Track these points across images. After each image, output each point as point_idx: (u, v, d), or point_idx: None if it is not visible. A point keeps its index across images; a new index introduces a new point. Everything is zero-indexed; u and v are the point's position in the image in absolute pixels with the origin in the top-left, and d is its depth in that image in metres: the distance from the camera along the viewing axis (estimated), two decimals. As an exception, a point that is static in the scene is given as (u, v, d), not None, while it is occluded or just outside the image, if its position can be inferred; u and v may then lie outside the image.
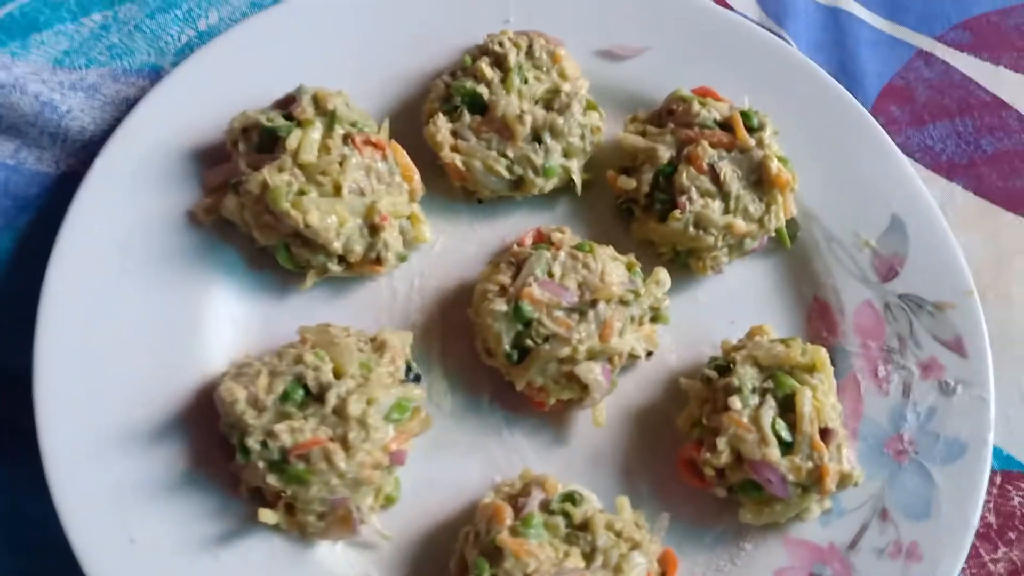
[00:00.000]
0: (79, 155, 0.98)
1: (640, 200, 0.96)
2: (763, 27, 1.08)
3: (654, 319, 0.93)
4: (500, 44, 0.96)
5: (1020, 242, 1.05)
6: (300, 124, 0.90)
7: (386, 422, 0.82)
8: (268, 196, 0.87)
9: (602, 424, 0.91)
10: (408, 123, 0.97)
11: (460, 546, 0.83)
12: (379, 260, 0.92)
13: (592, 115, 0.97)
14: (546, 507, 0.82)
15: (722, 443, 0.85)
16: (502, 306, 0.87)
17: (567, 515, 0.81)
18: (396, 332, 0.89)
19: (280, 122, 0.90)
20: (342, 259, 0.91)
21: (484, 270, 0.92)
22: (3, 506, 0.87)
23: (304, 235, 0.88)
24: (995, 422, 0.91)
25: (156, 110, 0.95)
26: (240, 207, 0.90)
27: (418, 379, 0.89)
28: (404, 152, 0.94)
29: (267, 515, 0.81)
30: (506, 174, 0.94)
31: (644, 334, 0.91)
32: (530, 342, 0.86)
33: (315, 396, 0.81)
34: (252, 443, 0.79)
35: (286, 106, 0.92)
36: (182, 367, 0.87)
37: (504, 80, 0.95)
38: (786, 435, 0.84)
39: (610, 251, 0.92)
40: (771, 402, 0.85)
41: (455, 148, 0.94)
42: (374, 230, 0.90)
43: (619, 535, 0.81)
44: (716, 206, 0.93)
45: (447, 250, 0.97)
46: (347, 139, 0.91)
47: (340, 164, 0.89)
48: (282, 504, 0.82)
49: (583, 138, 0.96)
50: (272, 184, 0.87)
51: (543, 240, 0.93)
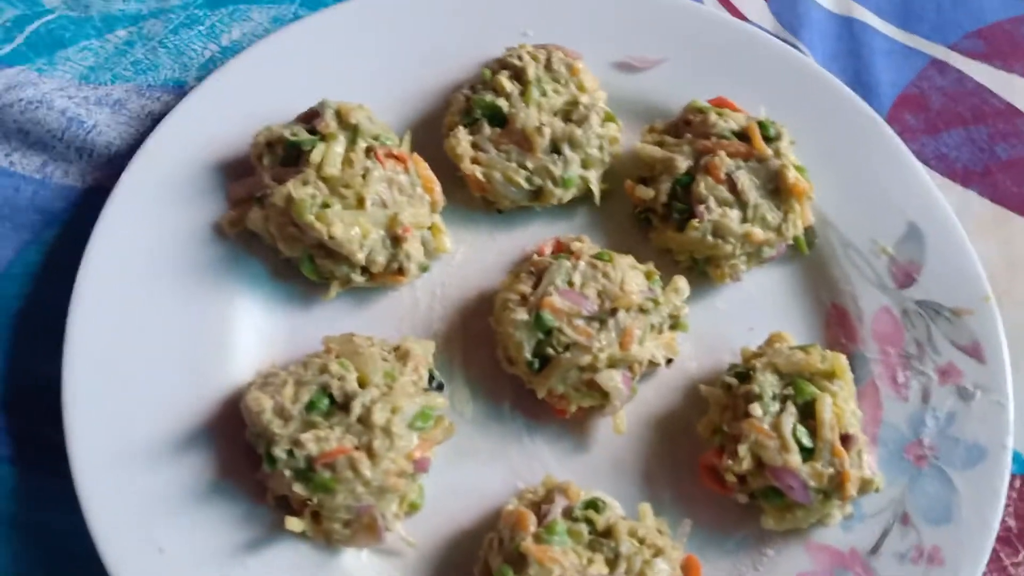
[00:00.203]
0: (105, 169, 0.99)
1: (658, 209, 0.96)
2: (778, 37, 1.09)
3: (673, 327, 0.93)
4: (519, 58, 0.98)
5: (1036, 248, 1.06)
6: (324, 138, 0.91)
7: (410, 430, 0.83)
8: (293, 209, 0.88)
9: (623, 431, 0.91)
10: (429, 136, 0.98)
11: (484, 553, 0.83)
12: (401, 270, 0.93)
13: (610, 126, 0.98)
14: (569, 514, 0.82)
15: (743, 450, 0.85)
16: (523, 315, 0.88)
17: (590, 522, 0.82)
18: (419, 341, 0.89)
19: (304, 136, 0.91)
20: (365, 270, 0.92)
21: (505, 280, 0.93)
22: (31, 517, 0.88)
23: (328, 246, 0.89)
24: (1014, 426, 0.91)
25: (181, 125, 0.96)
26: (265, 219, 0.91)
27: (441, 387, 0.90)
28: (425, 164, 0.95)
29: (294, 523, 0.82)
30: (525, 185, 0.95)
31: (664, 342, 0.92)
32: (551, 350, 0.87)
33: (340, 405, 0.82)
34: (279, 452, 0.80)
35: (309, 120, 0.93)
36: (208, 377, 0.88)
37: (523, 93, 0.96)
38: (807, 441, 0.85)
39: (629, 260, 0.93)
40: (791, 409, 0.86)
41: (475, 160, 0.95)
42: (396, 241, 0.91)
43: (642, 542, 0.81)
44: (734, 215, 0.94)
45: (468, 260, 0.98)
46: (369, 152, 0.92)
47: (363, 177, 0.90)
48: (308, 512, 0.82)
49: (601, 149, 0.97)
50: (297, 197, 0.88)
51: (562, 249, 0.94)
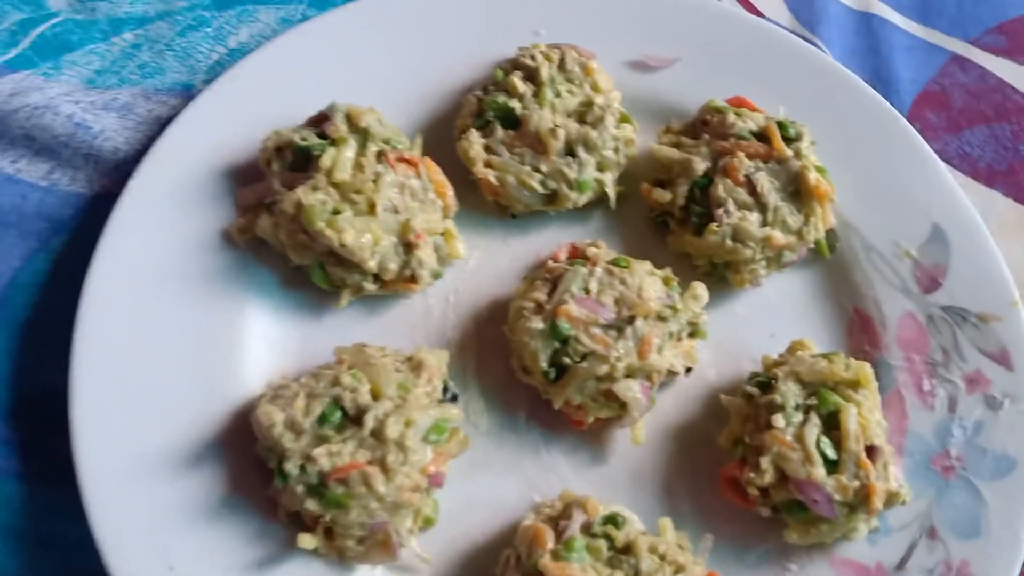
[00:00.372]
0: (112, 175, 0.98)
1: (676, 213, 0.95)
2: (795, 34, 1.07)
3: (692, 334, 0.92)
4: (532, 58, 0.96)
5: (1063, 249, 1.03)
6: (334, 142, 0.89)
7: (424, 444, 0.81)
8: (303, 215, 0.87)
9: (641, 442, 0.89)
10: (441, 139, 0.96)
11: (501, 570, 0.82)
12: (414, 278, 0.91)
13: (625, 127, 0.96)
14: (588, 530, 0.81)
15: (765, 462, 0.83)
16: (539, 324, 0.86)
17: (609, 538, 0.80)
18: (432, 351, 0.88)
19: (314, 141, 0.90)
20: (377, 277, 0.90)
21: (519, 287, 0.92)
22: (39, 531, 0.87)
23: (339, 254, 0.88)
24: (1044, 436, 0.89)
25: (189, 130, 0.94)
26: (274, 226, 0.89)
27: (455, 399, 0.88)
28: (437, 168, 0.94)
29: (306, 540, 0.80)
30: (540, 188, 0.94)
31: (683, 350, 0.90)
32: (567, 360, 0.85)
33: (353, 418, 0.81)
34: (290, 467, 0.79)
35: (319, 124, 0.91)
36: (218, 388, 0.87)
37: (536, 94, 0.94)
38: (831, 453, 0.83)
39: (647, 266, 0.91)
40: (815, 419, 0.84)
41: (488, 163, 0.94)
42: (408, 248, 0.90)
43: (663, 558, 0.80)
44: (754, 218, 0.92)
45: (481, 266, 0.96)
46: (381, 156, 0.90)
47: (374, 182, 0.89)
48: (321, 528, 0.81)
49: (617, 151, 0.95)
50: (307, 203, 0.87)
51: (578, 255, 0.93)
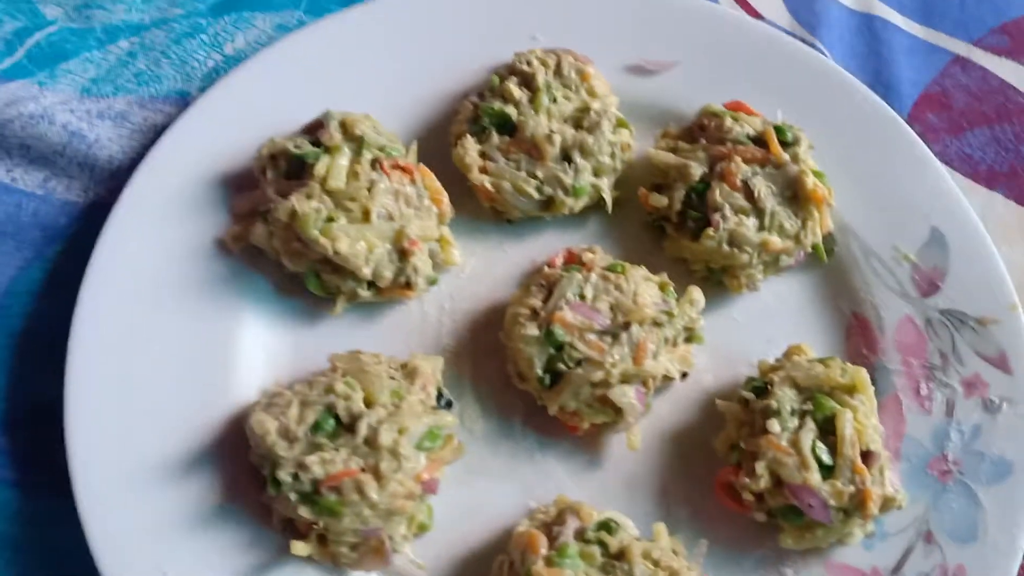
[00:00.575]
0: (108, 184, 0.98)
1: (672, 218, 0.94)
2: (795, 36, 1.06)
3: (688, 339, 0.91)
4: (528, 63, 0.95)
5: (1064, 252, 1.03)
6: (328, 150, 0.89)
7: (418, 451, 0.81)
8: (297, 223, 0.87)
9: (637, 447, 0.89)
10: (436, 145, 0.96)
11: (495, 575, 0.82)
12: (409, 285, 0.91)
13: (622, 132, 0.96)
14: (582, 535, 0.81)
15: (761, 467, 0.83)
16: (534, 330, 0.86)
17: (603, 544, 0.80)
18: (427, 358, 0.88)
19: (308, 149, 0.90)
20: (372, 284, 0.90)
21: (515, 293, 0.91)
22: (34, 537, 0.87)
23: (334, 261, 0.88)
24: (1042, 440, 0.89)
25: (183, 138, 0.94)
26: (269, 234, 0.89)
27: (450, 405, 0.88)
28: (433, 175, 0.94)
29: (299, 547, 0.81)
30: (536, 194, 0.93)
31: (678, 355, 0.90)
32: (563, 366, 0.85)
33: (346, 426, 0.81)
34: (283, 475, 0.79)
35: (314, 132, 0.92)
36: (213, 396, 0.87)
37: (532, 100, 0.94)
38: (827, 458, 0.83)
39: (643, 271, 0.91)
40: (811, 425, 0.84)
41: (484, 169, 0.93)
42: (403, 255, 0.90)
43: (657, 564, 0.80)
44: (750, 223, 0.91)
45: (477, 273, 0.96)
46: (375, 164, 0.90)
47: (369, 190, 0.89)
48: (314, 535, 0.81)
49: (613, 156, 0.95)
50: (301, 211, 0.87)
51: (574, 260, 0.92)
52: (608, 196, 0.96)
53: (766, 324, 0.95)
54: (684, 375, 0.90)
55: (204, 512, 0.83)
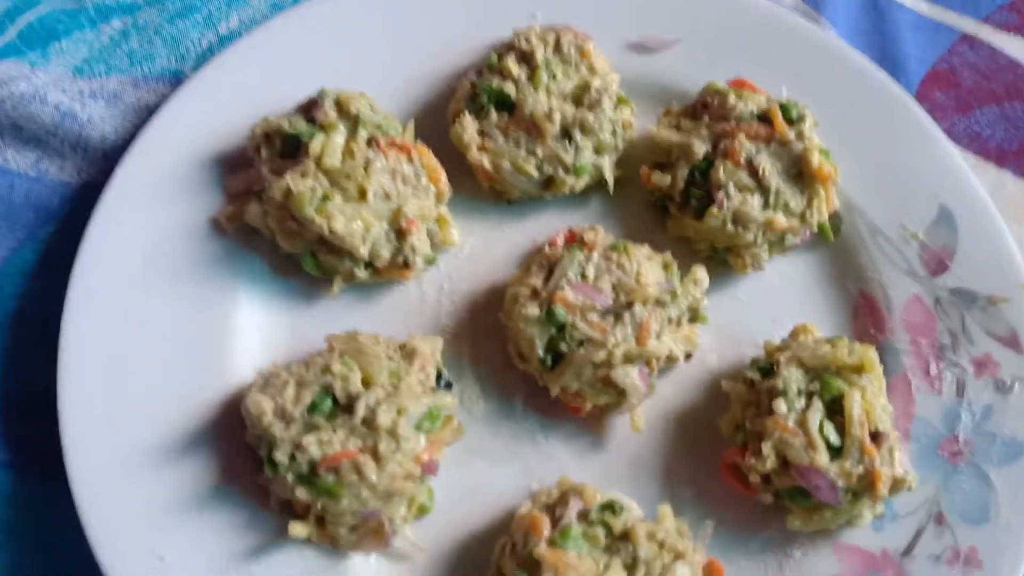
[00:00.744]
0: (101, 164, 0.97)
1: (675, 197, 0.93)
2: (800, 13, 1.05)
3: (692, 319, 0.90)
4: (527, 40, 0.94)
5: (1075, 230, 1.01)
6: (323, 128, 0.88)
7: (417, 432, 0.80)
8: (292, 203, 0.86)
9: (641, 429, 0.88)
10: (434, 124, 0.95)
11: (497, 558, 0.81)
12: (407, 264, 0.90)
13: (623, 110, 0.95)
14: (585, 517, 0.80)
15: (767, 448, 0.82)
16: (534, 310, 0.85)
17: (607, 525, 0.79)
18: (426, 338, 0.87)
19: (302, 127, 0.88)
20: (369, 264, 0.89)
21: (515, 273, 0.90)
22: (28, 523, 0.87)
23: (330, 241, 0.87)
24: (1055, 420, 0.88)
25: (176, 117, 0.93)
26: (264, 214, 0.89)
27: (449, 386, 0.87)
28: (430, 154, 0.92)
29: (298, 528, 0.80)
30: (535, 173, 0.92)
31: (682, 335, 0.89)
32: (564, 346, 0.84)
33: (344, 407, 0.80)
34: (280, 456, 0.78)
35: (308, 110, 0.90)
36: (208, 378, 0.86)
37: (532, 77, 0.93)
38: (834, 439, 0.82)
39: (645, 250, 0.90)
40: (818, 405, 0.83)
41: (483, 148, 0.92)
42: (401, 234, 0.89)
43: (661, 545, 0.79)
44: (755, 201, 0.90)
45: (476, 252, 0.95)
46: (371, 142, 0.89)
47: (365, 168, 0.88)
48: (313, 517, 0.80)
49: (614, 134, 0.94)
50: (296, 190, 0.86)
51: (575, 240, 0.91)
52: (609, 175, 0.95)
53: (771, 304, 0.95)
54: (688, 355, 0.90)
55: (200, 494, 0.83)
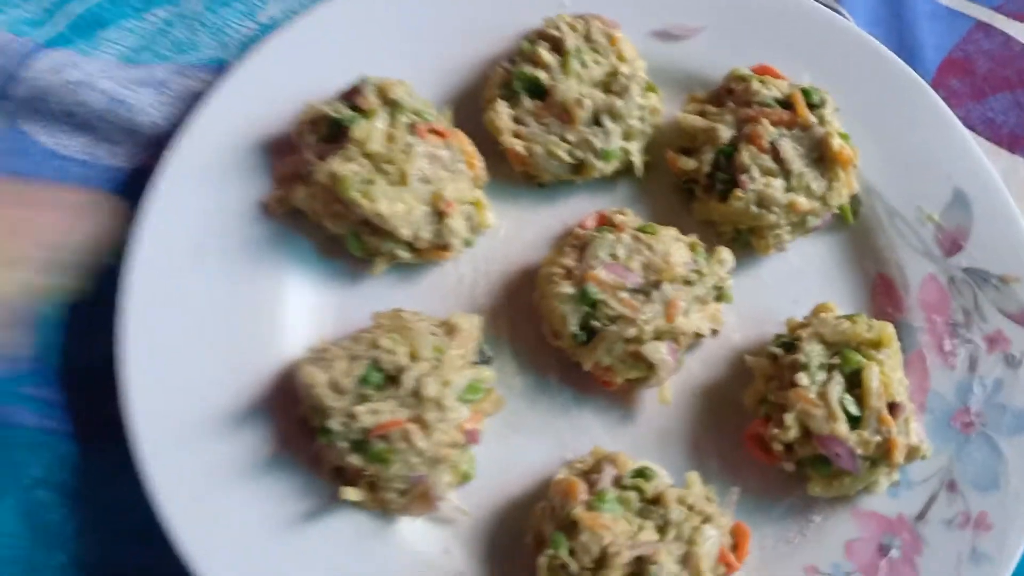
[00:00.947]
0: (151, 150, 1.00)
1: (701, 180, 0.96)
2: (820, 2, 1.06)
3: (718, 298, 0.94)
4: (557, 28, 0.97)
5: (1084, 212, 1.04)
6: (365, 114, 0.91)
7: (460, 402, 0.84)
8: (337, 186, 0.89)
9: (669, 402, 0.92)
10: (469, 110, 0.98)
11: (536, 521, 0.85)
12: (446, 246, 0.94)
13: (651, 96, 0.98)
14: (618, 482, 0.84)
15: (790, 419, 0.85)
16: (568, 289, 0.88)
17: (639, 490, 0.83)
18: (466, 316, 0.90)
19: (346, 113, 0.91)
20: (410, 245, 0.93)
21: (548, 254, 0.94)
22: (92, 489, 0.91)
23: (373, 223, 0.90)
24: (1062, 393, 0.91)
25: (223, 104, 0.96)
26: (310, 197, 0.91)
27: (488, 361, 0.91)
28: (467, 139, 0.95)
29: (350, 493, 0.84)
30: (567, 158, 0.95)
31: (708, 313, 0.92)
32: (596, 323, 0.88)
33: (391, 379, 0.83)
34: (334, 425, 0.81)
35: (351, 97, 0.93)
36: (261, 354, 0.89)
37: (563, 65, 0.95)
38: (854, 410, 0.85)
39: (673, 232, 0.93)
40: (838, 378, 0.86)
41: (516, 134, 0.95)
42: (440, 216, 0.92)
43: (691, 509, 0.83)
44: (778, 184, 0.93)
45: (511, 234, 0.98)
46: (411, 128, 0.92)
47: (405, 153, 0.90)
48: (364, 482, 0.84)
49: (642, 120, 0.97)
50: (340, 174, 0.88)
51: (605, 223, 0.94)
52: (638, 159, 0.98)
53: (793, 284, 0.98)
54: (714, 332, 0.93)
55: (257, 462, 0.86)
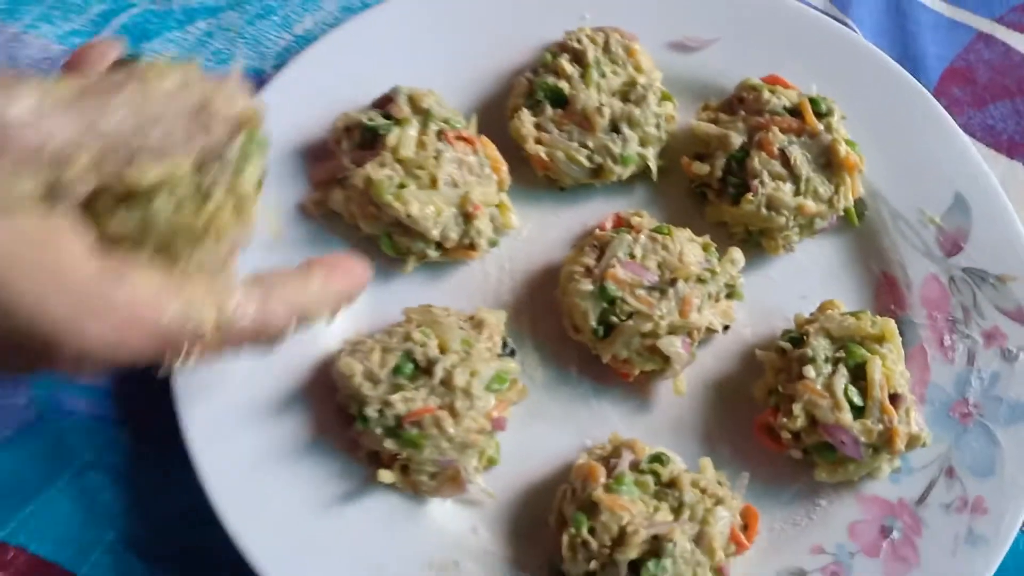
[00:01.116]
0: (195, 155, 1.05)
1: (714, 184, 1.00)
2: (828, 15, 1.11)
3: (729, 295, 0.98)
4: (578, 41, 1.01)
5: (1080, 216, 1.08)
6: (398, 122, 0.95)
7: (488, 392, 0.88)
8: (372, 190, 0.93)
9: (683, 393, 0.96)
10: (494, 118, 1.02)
11: (558, 502, 0.89)
12: (472, 246, 0.98)
13: (666, 105, 1.02)
14: (636, 467, 0.88)
15: (798, 409, 0.89)
16: (588, 286, 0.92)
17: (655, 474, 0.87)
18: (492, 312, 0.94)
19: (380, 121, 0.96)
20: (439, 245, 0.97)
21: (569, 253, 0.98)
22: (140, 472, 0.95)
23: (405, 224, 0.94)
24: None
25: (263, 112, 1.00)
26: (346, 200, 0.96)
27: (513, 353, 0.95)
28: (493, 145, 0.99)
29: (385, 475, 0.88)
30: (586, 163, 0.99)
31: (721, 310, 0.96)
32: (615, 318, 0.91)
33: (423, 369, 0.88)
34: (370, 412, 0.86)
35: (384, 106, 0.98)
36: (300, 345, 0.92)
37: (583, 75, 0.99)
38: (858, 400, 0.89)
39: (687, 233, 0.97)
40: (843, 371, 0.90)
41: (539, 140, 0.99)
42: (467, 218, 0.96)
43: (704, 492, 0.87)
44: (787, 188, 0.97)
45: (533, 235, 1.02)
46: (441, 135, 0.96)
47: (435, 158, 0.95)
48: (398, 466, 0.89)
49: (658, 127, 1.00)
50: (375, 178, 0.93)
51: (623, 224, 0.98)
52: (654, 164, 1.01)
53: (801, 282, 1.01)
54: (726, 328, 0.96)
55: (298, 446, 0.90)
